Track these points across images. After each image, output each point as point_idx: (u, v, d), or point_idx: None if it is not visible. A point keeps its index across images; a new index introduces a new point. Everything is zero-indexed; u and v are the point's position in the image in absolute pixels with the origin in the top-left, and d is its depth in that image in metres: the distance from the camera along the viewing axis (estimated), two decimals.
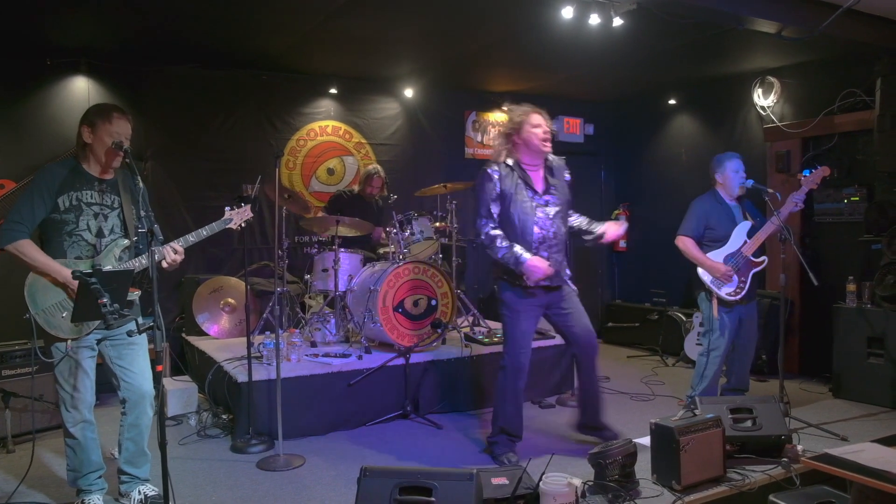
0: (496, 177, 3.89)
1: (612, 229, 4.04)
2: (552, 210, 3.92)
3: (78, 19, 4.90)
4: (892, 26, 4.89)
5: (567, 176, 4.06)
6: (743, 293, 4.55)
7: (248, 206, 3.59)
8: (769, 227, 4.53)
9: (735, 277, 4.54)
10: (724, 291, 4.54)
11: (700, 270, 4.59)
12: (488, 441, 4.12)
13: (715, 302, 4.56)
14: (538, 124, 3.88)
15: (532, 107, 3.94)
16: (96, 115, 3.19)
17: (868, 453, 2.60)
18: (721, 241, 4.62)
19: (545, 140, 3.89)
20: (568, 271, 4.04)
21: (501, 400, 4.01)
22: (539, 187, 3.93)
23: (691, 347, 6.50)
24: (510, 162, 3.93)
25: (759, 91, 6.60)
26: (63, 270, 3.06)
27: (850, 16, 4.48)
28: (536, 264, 3.76)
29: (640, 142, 8.12)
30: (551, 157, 4.02)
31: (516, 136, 3.92)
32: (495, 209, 3.89)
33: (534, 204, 3.88)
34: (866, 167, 5.69)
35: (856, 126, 5.74)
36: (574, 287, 4.06)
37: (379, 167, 6.42)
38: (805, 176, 4.60)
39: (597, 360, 4.08)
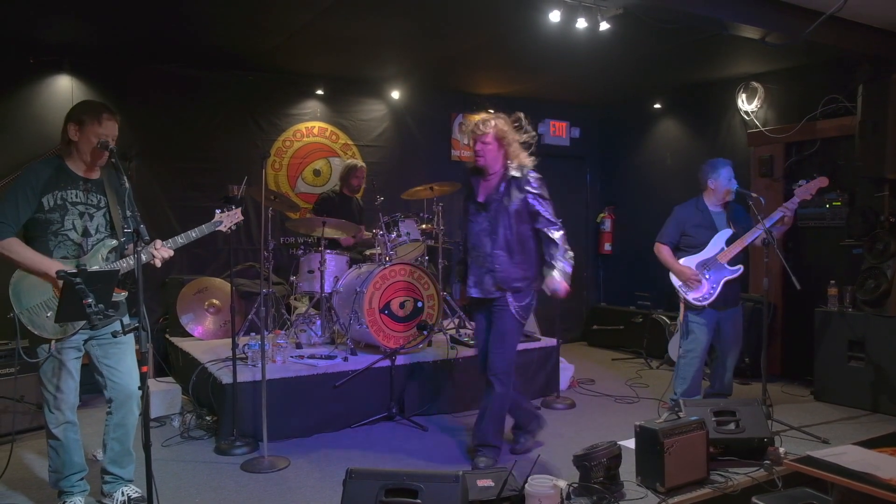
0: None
1: (551, 284, 3.82)
2: (484, 222, 3.93)
3: (61, 17, 4.84)
4: (873, 33, 4.95)
5: (521, 189, 3.86)
6: (712, 299, 4.58)
7: (239, 210, 3.58)
8: (752, 234, 4.56)
9: (705, 283, 4.58)
10: (692, 296, 4.61)
11: (671, 275, 4.69)
12: None
13: (682, 306, 4.66)
14: (477, 140, 3.91)
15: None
16: (85, 113, 3.13)
17: (849, 456, 2.63)
18: (698, 247, 4.67)
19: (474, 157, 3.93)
20: (516, 284, 3.84)
21: None
22: (480, 198, 3.97)
23: (675, 350, 6.52)
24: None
25: (743, 96, 6.66)
26: (52, 265, 3.02)
27: (833, 22, 4.53)
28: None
29: (625, 145, 8.16)
30: (514, 170, 3.88)
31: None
32: None
33: (470, 214, 4.02)
34: (848, 172, 5.75)
35: (838, 132, 5.79)
36: (512, 301, 3.85)
37: (359, 161, 6.45)
38: (800, 186, 4.68)
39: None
